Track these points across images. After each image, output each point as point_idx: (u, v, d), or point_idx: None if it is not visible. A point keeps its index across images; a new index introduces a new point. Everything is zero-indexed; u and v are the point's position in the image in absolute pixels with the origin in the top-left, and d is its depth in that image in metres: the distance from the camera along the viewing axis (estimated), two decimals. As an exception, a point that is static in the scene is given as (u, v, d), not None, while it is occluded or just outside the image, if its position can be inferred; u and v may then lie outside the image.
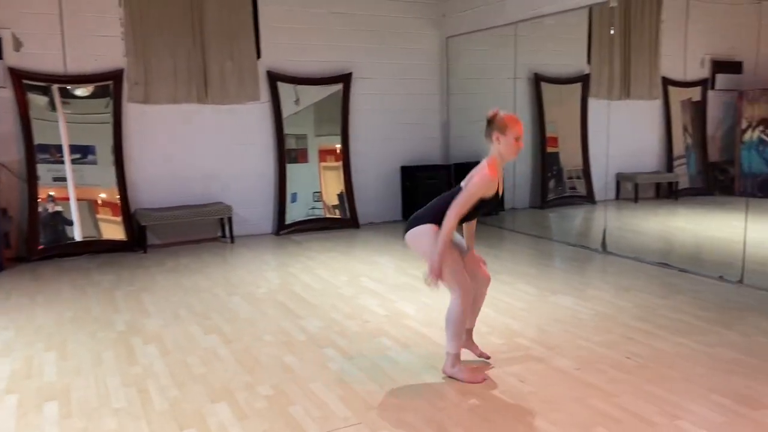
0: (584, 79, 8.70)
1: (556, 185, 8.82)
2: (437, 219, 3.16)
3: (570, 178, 8.94)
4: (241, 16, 7.08)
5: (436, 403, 3.01)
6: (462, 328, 3.25)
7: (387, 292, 4.90)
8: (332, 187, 7.82)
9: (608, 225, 6.58)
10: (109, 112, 6.58)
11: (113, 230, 6.57)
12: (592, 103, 8.72)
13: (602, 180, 8.73)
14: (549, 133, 8.78)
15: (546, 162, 8.72)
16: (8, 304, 4.72)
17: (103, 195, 6.58)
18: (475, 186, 3.12)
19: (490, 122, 3.15)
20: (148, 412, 2.96)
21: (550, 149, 8.75)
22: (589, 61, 8.60)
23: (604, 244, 6.33)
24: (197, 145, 7.08)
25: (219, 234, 7.27)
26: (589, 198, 8.80)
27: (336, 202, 7.83)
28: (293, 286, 5.14)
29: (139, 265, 5.99)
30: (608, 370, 3.34)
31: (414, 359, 3.55)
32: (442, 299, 4.60)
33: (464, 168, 8.91)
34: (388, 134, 8.11)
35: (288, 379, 3.32)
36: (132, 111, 6.71)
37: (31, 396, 3.15)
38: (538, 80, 8.63)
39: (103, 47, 6.51)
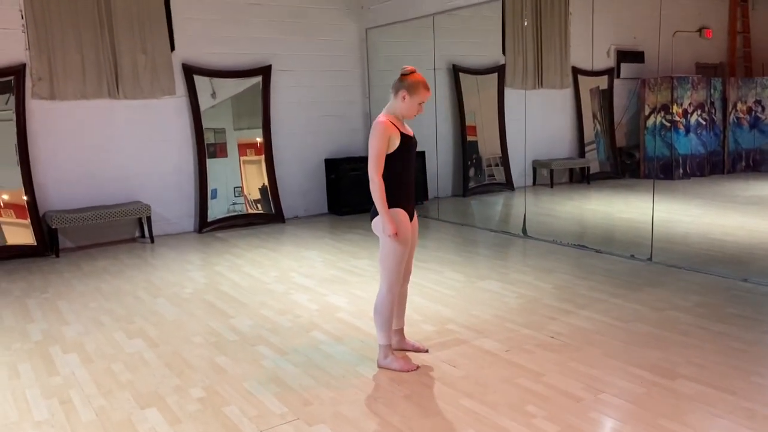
0: (500, 70, 8.99)
1: (476, 173, 9.07)
2: (390, 202, 3.21)
3: (489, 165, 9.22)
4: (151, 6, 6.79)
5: (372, 393, 3.05)
6: (390, 319, 3.29)
7: (317, 286, 4.89)
8: (254, 181, 7.69)
9: (527, 210, 6.85)
10: (11, 109, 6.15)
11: (20, 234, 6.17)
12: (509, 93, 9.03)
13: (520, 167, 9.08)
14: (468, 123, 9.01)
15: (466, 151, 8.95)
16: None
17: (5, 197, 6.16)
18: (374, 138, 3.18)
19: (403, 79, 3.23)
20: (74, 424, 2.82)
21: (469, 138, 8.99)
22: (504, 52, 8.88)
23: (524, 229, 6.58)
24: (110, 143, 6.75)
25: (138, 234, 6.99)
26: (508, 185, 9.12)
27: (258, 196, 7.70)
28: (221, 285, 5.02)
29: (52, 270, 5.67)
30: (535, 350, 3.49)
31: (348, 352, 3.57)
32: (372, 291, 4.66)
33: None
34: (310, 127, 8.05)
35: (221, 379, 3.25)
36: (37, 108, 6.31)
37: (-61, 417, 2.93)
38: (456, 71, 8.82)
39: (2, 41, 6.06)
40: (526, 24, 8.77)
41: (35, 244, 6.19)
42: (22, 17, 6.15)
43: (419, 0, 7.49)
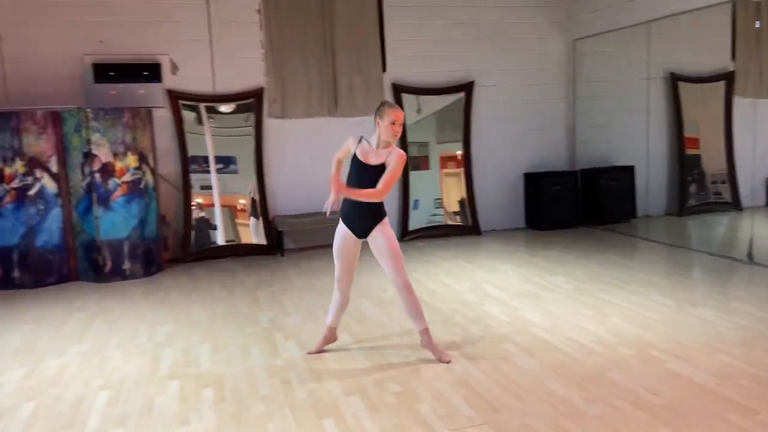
0: (728, 77, 8.11)
1: (697, 190, 8.27)
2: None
3: (714, 182, 8.34)
4: (368, 32, 7.42)
5: (561, 409, 3.02)
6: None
7: (510, 300, 4.92)
8: (453, 193, 7.93)
9: (755, 233, 6.10)
10: (251, 125, 7.18)
11: (255, 235, 7.15)
12: (738, 102, 8.10)
13: (749, 185, 8.07)
14: (688, 134, 8.27)
15: (685, 165, 8.21)
16: (168, 301, 5.33)
17: (243, 201, 7.18)
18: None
19: (376, 110, 3.66)
20: (291, 401, 3.25)
21: (689, 152, 8.24)
22: (733, 58, 8.00)
23: (750, 255, 5.87)
24: (328, 156, 7.48)
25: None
26: (734, 204, 8.16)
27: (457, 208, 7.93)
28: (418, 291, 5.24)
29: (278, 267, 6.47)
30: (751, 385, 3.15)
31: (538, 366, 3.57)
32: (568, 308, 4.57)
33: (591, 174, 8.65)
34: (511, 141, 8.08)
35: (415, 378, 3.47)
36: (271, 125, 7.28)
37: (191, 382, 3.57)
38: (674, 80, 8.17)
39: (246, 68, 7.12)
40: (758, 25, 7.82)
41: (266, 243, 7.12)
42: (262, 47, 7.15)
43: (632, 7, 7.12)
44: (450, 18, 7.73)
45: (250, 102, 7.17)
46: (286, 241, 7.25)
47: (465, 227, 7.88)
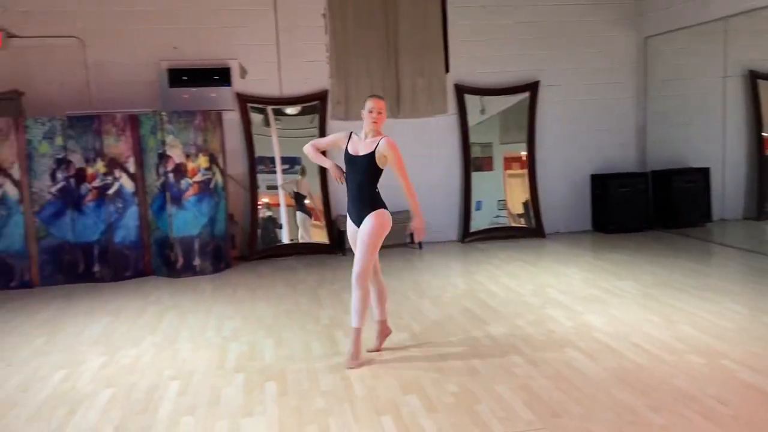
0: (812, 74, 7.65)
1: (780, 193, 7.84)
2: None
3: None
4: (431, 34, 7.44)
5: (625, 416, 2.95)
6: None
7: (574, 304, 4.82)
8: (517, 195, 7.83)
9: (842, 240, 5.72)
10: (315, 126, 7.33)
11: (319, 234, 7.30)
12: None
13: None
14: (768, 135, 7.86)
15: (764, 167, 7.79)
16: (235, 297, 5.52)
17: (307, 202, 7.34)
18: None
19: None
20: (350, 397, 3.32)
21: (771, 153, 7.83)
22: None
23: (836, 262, 5.52)
24: (390, 157, 7.56)
25: (408, 240, 7.68)
26: (820, 209, 7.69)
27: (521, 210, 7.82)
28: (478, 293, 5.28)
29: (339, 266, 6.58)
30: (833, 402, 2.98)
31: (601, 371, 3.49)
32: (634, 314, 4.44)
33: (663, 175, 8.33)
34: (576, 141, 7.90)
35: (474, 379, 3.47)
36: (334, 127, 7.40)
37: (255, 376, 3.69)
38: (753, 78, 7.77)
39: (311, 71, 7.29)
40: None
41: (328, 243, 7.26)
42: (327, 50, 7.29)
43: (708, 2, 6.82)
44: (515, 18, 7.64)
45: (315, 104, 7.33)
46: (347, 241, 7.35)
47: (528, 229, 7.76)
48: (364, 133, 3.86)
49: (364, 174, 3.79)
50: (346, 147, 3.87)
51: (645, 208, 7.82)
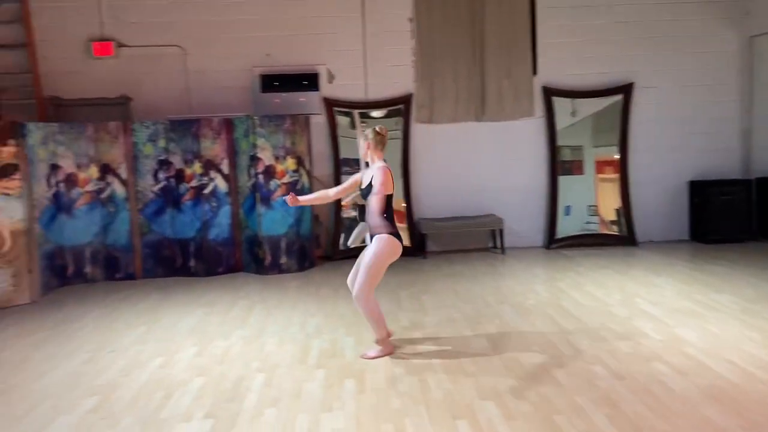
0: None
1: None
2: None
3: None
4: (519, 36, 7.34)
5: (717, 438, 2.80)
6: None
7: (665, 316, 4.60)
8: (609, 200, 7.54)
9: None
10: (399, 129, 7.42)
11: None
12: None
13: None
14: None
15: None
16: (319, 295, 5.69)
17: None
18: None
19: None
20: (427, 400, 3.35)
21: None
22: None
23: None
24: (472, 161, 7.54)
25: (490, 245, 7.60)
26: None
27: (613, 217, 7.53)
28: (562, 301, 5.15)
29: (420, 269, 6.62)
30: None
31: (692, 388, 3.32)
32: (732, 329, 4.19)
33: (770, 183, 7.69)
34: (673, 145, 7.52)
35: (554, 389, 3.40)
36: (418, 130, 7.47)
37: (335, 372, 3.80)
38: None
39: (397, 75, 7.39)
40: None
41: (409, 245, 7.32)
42: (413, 55, 7.36)
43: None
44: (609, 17, 7.40)
45: (399, 107, 7.41)
46: (429, 244, 7.39)
47: (619, 237, 7.47)
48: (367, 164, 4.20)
49: (369, 201, 4.03)
50: (360, 182, 4.21)
51: (748, 217, 7.32)
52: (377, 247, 3.95)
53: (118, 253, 6.61)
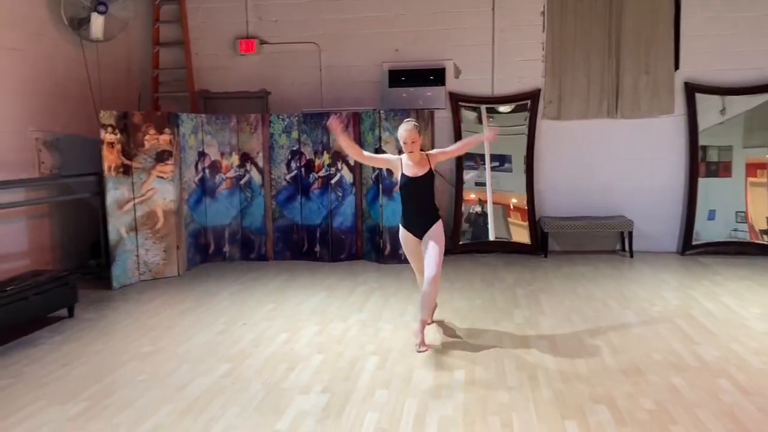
0: None
1: None
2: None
3: None
4: (661, 28, 6.92)
5: None
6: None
7: (812, 335, 4.19)
8: (761, 207, 6.88)
9: None
10: (525, 125, 7.30)
11: (520, 234, 7.27)
12: None
13: None
14: None
15: None
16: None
17: (514, 201, 7.35)
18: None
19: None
20: (536, 397, 3.34)
21: None
22: None
23: None
24: (601, 159, 7.23)
25: (618, 247, 7.27)
26: None
27: (765, 226, 6.85)
28: (692, 310, 4.85)
29: (539, 267, 6.51)
30: None
31: (836, 415, 3.02)
32: None
33: None
34: (838, 148, 6.73)
35: (673, 399, 3.25)
36: (544, 126, 7.30)
37: (445, 361, 3.87)
38: None
39: (525, 70, 7.27)
40: None
41: (530, 243, 7.21)
42: (543, 49, 7.21)
43: None
44: (762, 8, 6.75)
45: (526, 103, 7.30)
46: (551, 243, 7.22)
47: (765, 247, 6.82)
48: (409, 158, 4.25)
49: (426, 190, 4.26)
50: (402, 171, 4.25)
51: None
52: (440, 230, 4.26)
53: (253, 235, 7.15)
